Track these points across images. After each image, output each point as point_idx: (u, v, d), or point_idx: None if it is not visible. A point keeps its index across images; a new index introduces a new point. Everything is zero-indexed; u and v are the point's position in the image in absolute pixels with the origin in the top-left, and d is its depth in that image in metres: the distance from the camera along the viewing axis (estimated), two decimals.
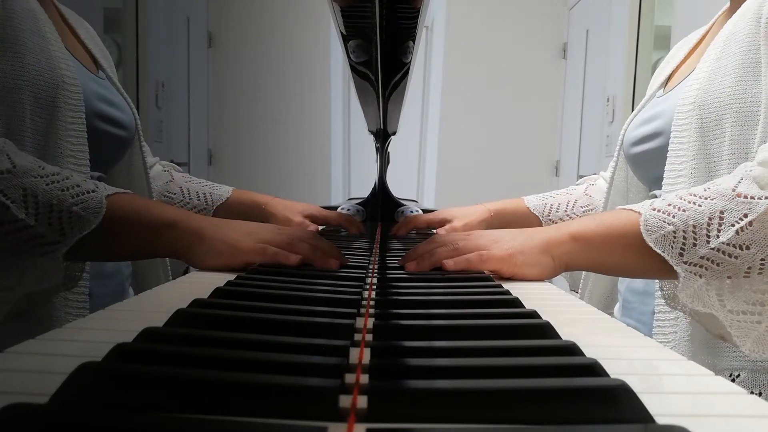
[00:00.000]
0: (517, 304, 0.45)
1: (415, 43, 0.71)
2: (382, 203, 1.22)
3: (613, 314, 0.87)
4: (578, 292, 0.95)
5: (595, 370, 0.29)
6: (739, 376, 0.63)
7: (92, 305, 0.68)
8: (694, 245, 0.53)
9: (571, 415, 0.25)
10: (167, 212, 0.62)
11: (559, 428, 0.24)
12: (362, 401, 0.25)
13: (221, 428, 0.23)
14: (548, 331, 0.37)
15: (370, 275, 0.60)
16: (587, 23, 3.13)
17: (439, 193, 3.44)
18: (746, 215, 0.51)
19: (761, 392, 0.62)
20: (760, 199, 0.51)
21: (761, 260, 0.51)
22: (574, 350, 0.32)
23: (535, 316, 0.40)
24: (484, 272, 0.61)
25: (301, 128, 3.40)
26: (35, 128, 0.65)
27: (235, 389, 0.25)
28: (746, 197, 0.51)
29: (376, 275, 0.60)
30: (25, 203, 0.52)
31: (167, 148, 2.71)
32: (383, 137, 1.20)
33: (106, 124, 0.76)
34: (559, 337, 0.36)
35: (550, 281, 0.63)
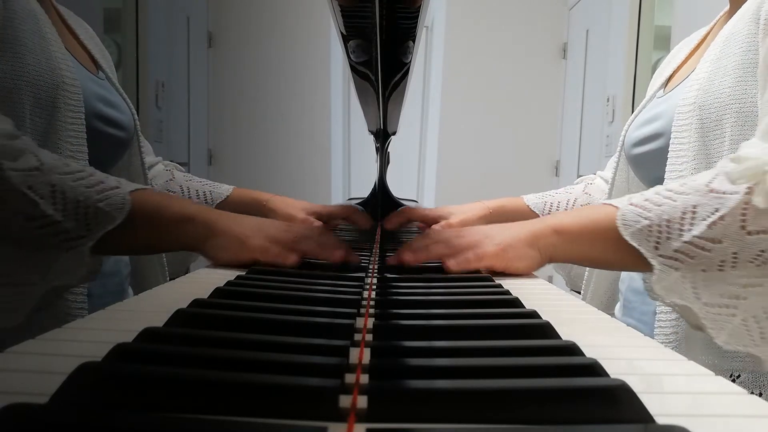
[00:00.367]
0: (517, 304, 0.45)
1: (415, 43, 0.71)
2: (382, 203, 1.21)
3: (613, 314, 0.87)
4: (579, 292, 0.95)
5: (595, 370, 0.29)
6: (739, 376, 0.63)
7: (91, 305, 0.68)
8: (668, 239, 0.54)
9: (571, 415, 0.25)
10: (186, 207, 0.63)
11: (559, 428, 0.24)
12: (362, 401, 0.25)
13: (221, 428, 0.23)
14: (548, 331, 0.37)
15: (370, 275, 0.60)
16: (587, 23, 3.13)
17: (439, 193, 3.44)
18: (718, 210, 0.52)
19: (761, 392, 0.62)
20: (731, 194, 0.51)
21: (733, 254, 0.52)
22: (574, 350, 0.32)
23: (535, 316, 0.40)
24: (481, 271, 0.61)
25: (301, 128, 3.40)
26: (35, 128, 0.65)
27: (235, 389, 0.25)
28: (719, 192, 0.52)
29: (376, 275, 0.60)
30: (53, 199, 0.53)
31: (167, 148, 2.71)
32: (383, 137, 1.20)
33: (105, 125, 0.76)
34: (559, 337, 0.36)
35: (551, 282, 0.63)
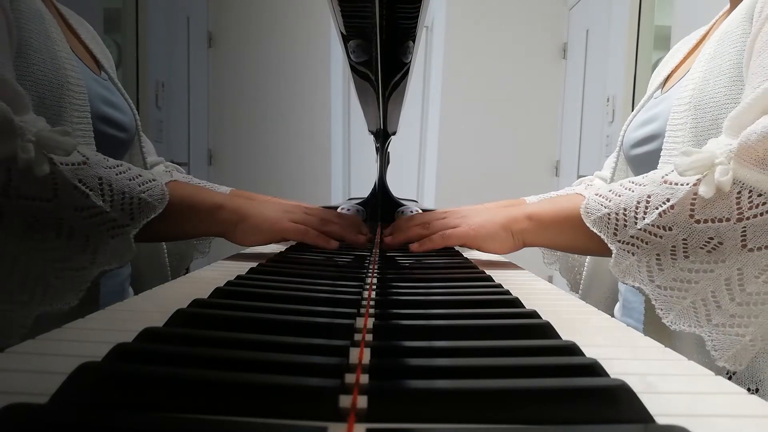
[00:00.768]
0: (517, 304, 0.45)
1: (415, 43, 0.70)
2: (382, 203, 1.21)
3: (613, 314, 0.87)
4: (578, 292, 0.95)
5: (595, 370, 0.29)
6: (735, 373, 0.63)
7: None
8: (625, 226, 0.59)
9: (571, 415, 0.25)
10: (214, 196, 0.70)
11: (559, 428, 0.24)
12: (362, 401, 0.25)
13: (221, 428, 0.23)
14: (548, 331, 0.37)
15: (370, 275, 0.60)
16: (587, 23, 3.12)
17: (439, 193, 3.43)
18: (669, 199, 0.56)
19: (758, 389, 0.62)
20: (682, 185, 0.55)
21: (684, 240, 0.56)
22: (574, 350, 0.32)
23: (535, 316, 0.40)
24: (483, 272, 0.62)
25: (301, 128, 3.40)
26: None
27: (235, 389, 0.25)
28: (671, 183, 0.56)
29: (376, 275, 0.60)
30: (101, 191, 0.58)
31: (167, 148, 2.71)
32: (383, 137, 1.20)
33: (107, 126, 0.76)
34: (559, 337, 0.36)
35: (551, 283, 0.63)
